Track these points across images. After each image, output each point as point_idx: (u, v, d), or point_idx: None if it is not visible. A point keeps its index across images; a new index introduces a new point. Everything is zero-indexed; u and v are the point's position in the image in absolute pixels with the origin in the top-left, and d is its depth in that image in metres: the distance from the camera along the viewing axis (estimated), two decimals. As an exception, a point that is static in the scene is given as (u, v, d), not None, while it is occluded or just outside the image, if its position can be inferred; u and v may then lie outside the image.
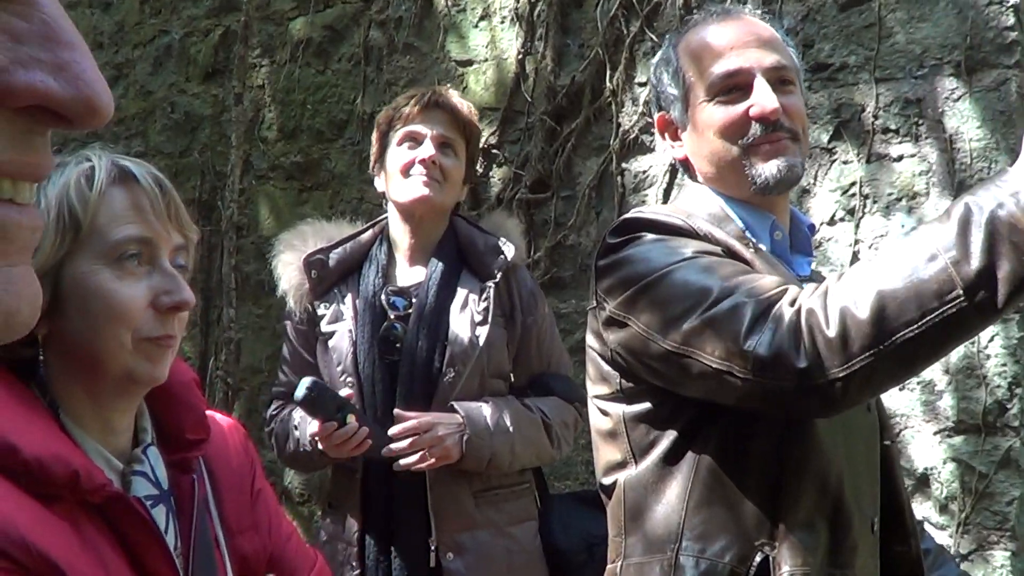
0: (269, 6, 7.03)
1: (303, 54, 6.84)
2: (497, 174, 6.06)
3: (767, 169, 2.51)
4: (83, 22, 7.93)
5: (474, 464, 3.80)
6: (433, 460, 3.72)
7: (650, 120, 5.56)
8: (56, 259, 1.88)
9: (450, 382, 3.81)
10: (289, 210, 6.64)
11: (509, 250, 3.94)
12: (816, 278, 2.66)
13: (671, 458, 2.43)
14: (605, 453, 2.59)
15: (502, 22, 6.13)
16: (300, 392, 3.53)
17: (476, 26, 6.22)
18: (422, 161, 3.87)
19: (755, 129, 2.50)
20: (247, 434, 2.33)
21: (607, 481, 2.58)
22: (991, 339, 4.71)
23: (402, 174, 3.91)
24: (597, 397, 2.60)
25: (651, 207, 2.61)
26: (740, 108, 2.51)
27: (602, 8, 5.79)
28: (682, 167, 2.75)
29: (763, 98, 2.49)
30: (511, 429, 3.81)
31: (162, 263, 1.94)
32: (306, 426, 3.80)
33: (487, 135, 6.02)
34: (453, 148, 3.98)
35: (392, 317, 3.90)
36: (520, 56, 6.02)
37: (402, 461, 3.71)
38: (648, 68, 5.50)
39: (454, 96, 4.12)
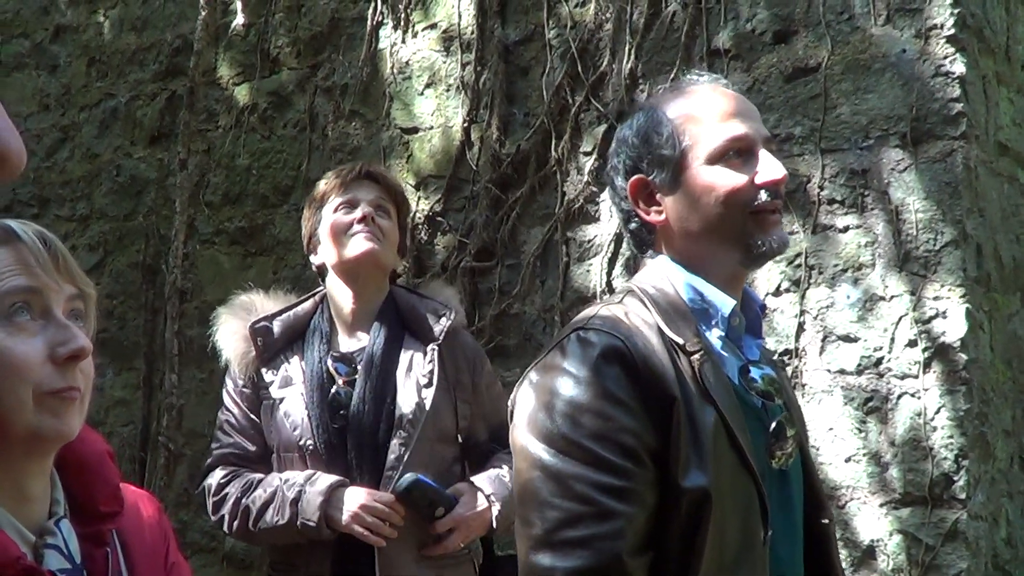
0: (215, 71, 7.01)
1: (248, 119, 6.82)
2: (441, 242, 6.03)
3: (769, 239, 2.48)
4: (29, 84, 7.91)
5: (504, 530, 3.91)
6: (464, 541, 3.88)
7: (595, 189, 5.56)
8: None
9: (401, 444, 3.81)
10: (233, 275, 6.58)
11: (450, 312, 4.00)
12: (764, 359, 2.63)
13: None
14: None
15: (448, 90, 6.12)
16: (404, 484, 3.73)
17: (422, 94, 6.21)
18: (360, 219, 3.92)
19: (762, 196, 2.47)
20: (161, 507, 2.27)
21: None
22: (937, 411, 4.69)
23: (342, 235, 3.94)
24: None
25: (607, 309, 2.52)
26: (746, 174, 2.48)
27: (548, 78, 5.79)
28: (643, 235, 2.66)
29: (772, 166, 2.48)
30: None
31: (55, 315, 1.88)
32: (313, 498, 3.76)
33: (432, 203, 6.03)
34: (387, 212, 4.04)
35: (341, 383, 3.89)
36: (465, 124, 6.01)
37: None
38: (595, 137, 5.51)
39: (383, 168, 4.31)
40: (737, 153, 2.50)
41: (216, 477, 4.03)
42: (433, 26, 6.21)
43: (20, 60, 7.98)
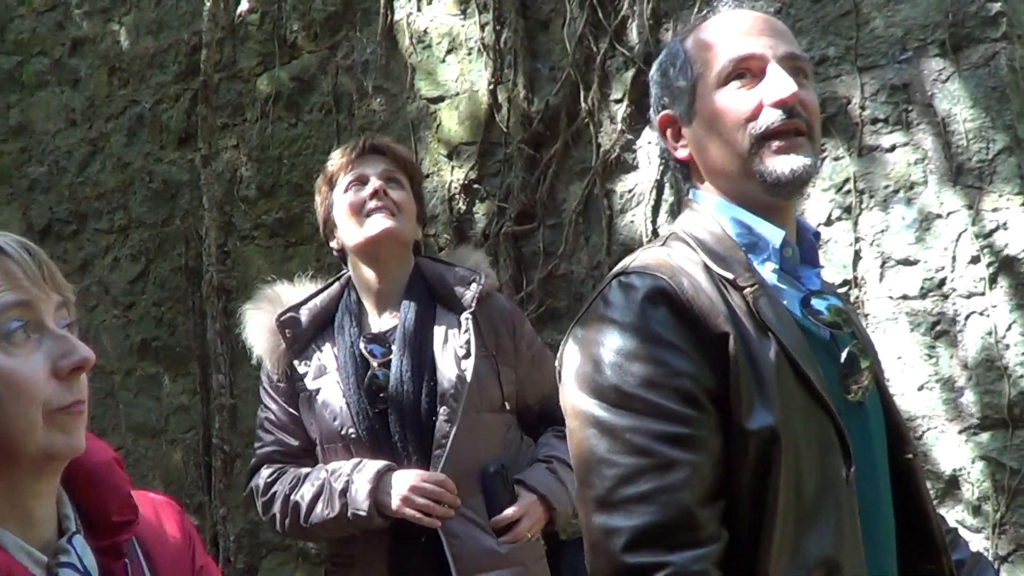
0: (235, 64, 6.94)
1: (273, 109, 6.76)
2: (480, 209, 5.93)
3: (780, 166, 2.32)
4: (54, 101, 7.89)
5: (563, 523, 3.91)
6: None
7: (630, 137, 5.43)
8: None
9: (446, 420, 3.71)
10: (276, 268, 6.50)
11: (480, 276, 3.91)
12: (826, 289, 2.51)
13: None
14: None
15: (469, 54, 6.01)
16: (494, 467, 3.72)
17: (443, 61, 6.11)
18: (372, 194, 3.85)
19: (770, 116, 2.32)
20: (182, 510, 2.18)
21: None
22: (1008, 328, 4.53)
23: (357, 214, 3.86)
24: None
25: (649, 252, 2.38)
26: (753, 94, 2.35)
27: (569, 28, 5.67)
28: (682, 172, 2.58)
29: (779, 82, 2.33)
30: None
31: (49, 327, 1.83)
32: (361, 487, 3.67)
33: (466, 170, 5.92)
34: (399, 183, 3.96)
35: (376, 365, 3.80)
36: (491, 86, 5.91)
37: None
38: (624, 83, 5.37)
39: (388, 140, 4.21)
40: (746, 74, 2.38)
41: (263, 476, 3.98)
42: (447, -10, 6.10)
43: (42, 78, 7.97)
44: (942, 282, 4.67)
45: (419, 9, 6.18)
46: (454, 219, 5.93)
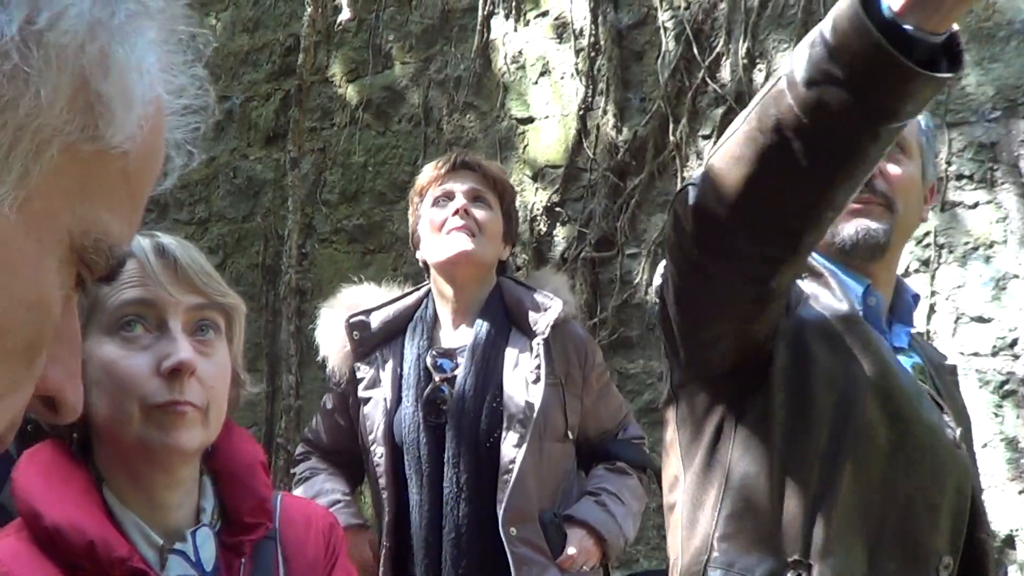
0: (328, 69, 7.01)
1: (362, 116, 6.82)
2: (561, 233, 5.96)
3: (846, 229, 2.39)
4: (145, 89, 7.96)
5: (615, 554, 3.89)
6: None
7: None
8: None
9: (515, 444, 3.66)
10: (353, 273, 6.54)
11: (557, 303, 3.81)
12: (914, 347, 2.54)
13: (708, 463, 2.30)
14: (668, 469, 2.47)
15: (562, 78, 6.05)
16: (550, 517, 3.68)
17: (536, 83, 6.15)
18: (456, 212, 3.78)
19: None
20: (336, 524, 2.24)
21: (670, 500, 2.44)
22: (1074, 391, 4.53)
23: (438, 231, 3.82)
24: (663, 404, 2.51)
25: None
26: None
27: (663, 61, 5.70)
28: None
29: None
30: (626, 503, 3.83)
31: (169, 327, 1.88)
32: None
33: (550, 193, 5.95)
34: (486, 202, 3.88)
35: (438, 380, 3.77)
36: (581, 112, 5.95)
37: None
38: (713, 120, 5.42)
39: (481, 156, 4.14)
40: None
41: (297, 451, 4.21)
42: (545, 14, 6.16)
43: (136, 66, 8.04)
44: (1014, 342, 4.69)
45: (515, 30, 6.24)
46: (534, 240, 5.96)
